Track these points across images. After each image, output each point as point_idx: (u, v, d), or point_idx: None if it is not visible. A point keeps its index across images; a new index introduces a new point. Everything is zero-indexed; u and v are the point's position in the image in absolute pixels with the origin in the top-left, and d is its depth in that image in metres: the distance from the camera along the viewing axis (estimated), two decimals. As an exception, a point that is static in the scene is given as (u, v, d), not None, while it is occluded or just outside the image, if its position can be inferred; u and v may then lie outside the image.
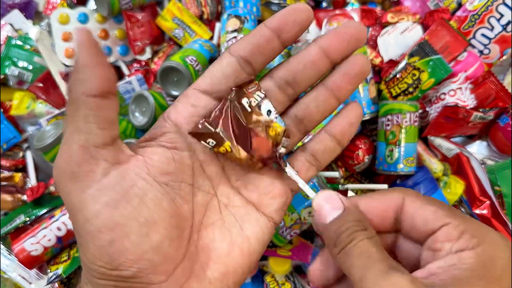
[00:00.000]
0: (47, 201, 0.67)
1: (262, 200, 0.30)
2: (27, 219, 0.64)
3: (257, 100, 0.29)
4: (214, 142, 0.28)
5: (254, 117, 0.29)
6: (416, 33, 0.66)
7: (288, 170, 0.29)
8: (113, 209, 0.24)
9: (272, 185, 0.30)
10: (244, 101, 0.28)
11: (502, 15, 0.63)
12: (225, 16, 0.64)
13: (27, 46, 0.69)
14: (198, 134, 0.28)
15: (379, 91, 0.67)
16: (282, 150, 0.29)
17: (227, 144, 0.28)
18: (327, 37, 0.28)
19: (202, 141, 0.28)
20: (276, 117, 0.29)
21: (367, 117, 0.64)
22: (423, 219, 0.25)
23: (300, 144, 0.32)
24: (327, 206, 0.27)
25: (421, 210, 0.26)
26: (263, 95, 0.29)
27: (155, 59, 0.71)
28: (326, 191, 0.28)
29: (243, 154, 0.28)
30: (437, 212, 0.25)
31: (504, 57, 0.64)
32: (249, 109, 0.28)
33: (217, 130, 0.28)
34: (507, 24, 0.62)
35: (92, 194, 0.24)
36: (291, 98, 0.30)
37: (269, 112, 0.29)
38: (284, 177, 0.30)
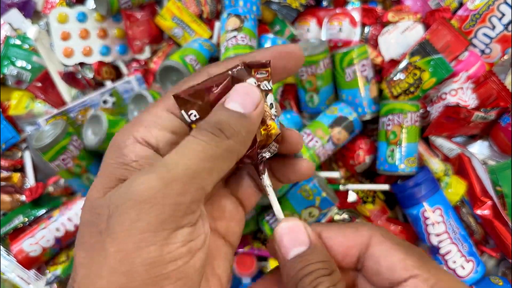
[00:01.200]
0: (45, 201, 0.67)
1: (228, 228, 0.27)
2: (26, 219, 0.64)
3: (265, 86, 0.25)
4: (197, 117, 0.24)
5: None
6: (417, 33, 0.66)
7: (265, 179, 0.26)
8: None
9: (237, 209, 0.28)
10: (251, 81, 0.24)
11: (503, 14, 0.62)
12: (224, 15, 0.63)
13: (26, 46, 0.69)
14: (184, 101, 0.23)
15: (380, 91, 0.66)
16: (266, 154, 0.26)
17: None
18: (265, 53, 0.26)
19: (183, 111, 0.23)
20: (275, 116, 0.25)
21: (368, 117, 0.64)
22: (389, 266, 0.23)
23: None
24: (290, 238, 0.24)
25: (387, 255, 0.24)
26: (270, 87, 0.25)
27: (154, 59, 0.70)
28: (291, 219, 0.25)
29: None
30: (405, 260, 0.23)
31: (505, 57, 0.64)
32: None
33: (206, 102, 0.23)
34: (509, 23, 0.62)
35: None
36: None
37: (271, 105, 0.25)
38: (244, 196, 0.28)
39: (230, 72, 0.23)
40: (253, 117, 0.23)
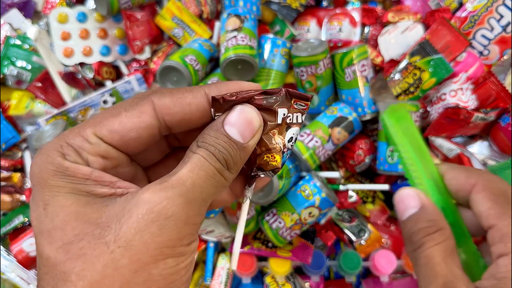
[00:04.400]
0: (46, 201, 0.66)
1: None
2: (26, 219, 0.64)
3: (292, 120, 0.26)
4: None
5: (274, 131, 0.26)
6: (417, 33, 0.66)
7: (248, 190, 0.28)
8: None
9: None
10: (281, 112, 0.25)
11: (501, 16, 0.62)
12: (224, 15, 0.63)
13: (26, 46, 0.69)
14: (221, 102, 0.25)
15: (380, 91, 0.66)
16: (261, 174, 0.27)
17: None
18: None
19: (215, 111, 0.25)
20: (287, 150, 0.27)
21: (368, 117, 0.64)
22: (478, 213, 0.25)
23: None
24: (404, 202, 0.27)
25: (479, 204, 0.26)
26: (301, 121, 0.26)
27: (155, 59, 0.70)
28: (408, 188, 0.28)
29: None
30: (490, 209, 0.25)
31: (504, 57, 0.64)
32: (280, 122, 0.26)
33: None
34: (507, 25, 0.62)
35: None
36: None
37: (290, 139, 0.26)
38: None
39: (275, 97, 0.25)
40: (249, 147, 0.25)
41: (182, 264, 0.22)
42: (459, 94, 0.62)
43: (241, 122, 0.24)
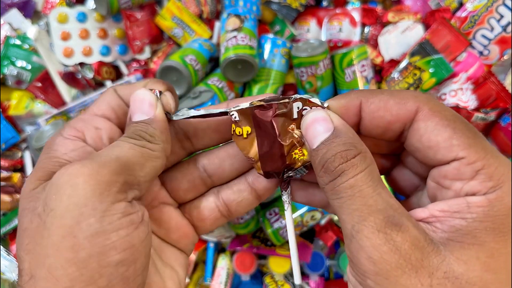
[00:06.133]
0: (46, 201, 0.67)
1: (179, 240, 0.29)
2: (26, 219, 0.64)
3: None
4: (237, 119, 0.25)
5: (292, 126, 0.25)
6: (417, 33, 0.66)
7: (285, 196, 0.27)
8: None
9: (188, 226, 0.30)
10: (296, 105, 0.24)
11: (502, 16, 0.62)
12: (224, 15, 0.63)
13: (26, 46, 0.69)
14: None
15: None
16: (291, 174, 0.26)
17: (247, 129, 0.26)
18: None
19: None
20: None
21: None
22: (433, 145, 0.21)
23: None
24: (314, 127, 0.23)
25: (432, 133, 0.21)
26: None
27: (154, 59, 0.70)
28: (315, 110, 0.24)
29: (253, 152, 0.26)
30: (451, 139, 0.20)
31: (504, 57, 0.64)
32: (296, 116, 0.25)
33: (249, 107, 0.25)
34: (507, 25, 0.62)
35: None
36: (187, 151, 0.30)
37: None
38: (197, 218, 0.30)
39: (289, 98, 0.25)
40: (158, 117, 0.25)
41: (108, 226, 0.20)
42: (459, 94, 0.62)
43: (138, 105, 0.25)
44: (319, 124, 0.23)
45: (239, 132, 0.26)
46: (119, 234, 0.21)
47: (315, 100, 0.25)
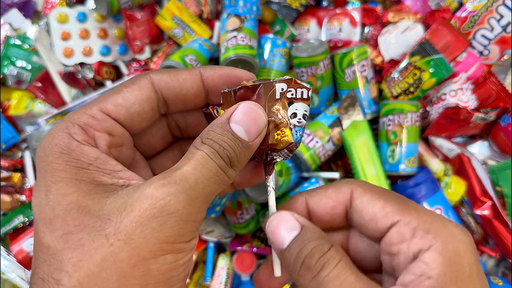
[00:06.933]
0: (46, 201, 0.67)
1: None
2: (26, 219, 0.64)
3: (296, 95, 0.25)
4: (221, 102, 0.26)
5: (277, 107, 0.25)
6: (417, 33, 0.66)
7: (269, 180, 0.27)
8: None
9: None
10: (280, 86, 0.25)
11: (502, 16, 0.62)
12: (224, 15, 0.63)
13: (26, 46, 0.69)
14: (232, 94, 0.26)
15: (380, 91, 0.66)
16: (277, 158, 0.26)
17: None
18: None
19: (222, 103, 0.26)
20: (294, 127, 0.26)
21: (368, 117, 0.64)
22: (371, 217, 0.23)
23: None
24: (281, 229, 0.24)
25: (368, 207, 0.24)
26: (307, 97, 0.26)
27: (155, 59, 0.70)
28: (277, 212, 0.25)
29: None
30: (385, 208, 0.23)
31: (504, 57, 0.64)
32: (278, 97, 0.25)
33: (231, 91, 0.25)
34: (507, 25, 0.62)
35: None
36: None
37: (293, 115, 0.26)
38: None
39: (272, 80, 0.25)
40: (254, 146, 0.24)
41: (181, 260, 0.22)
42: (459, 94, 0.62)
43: (247, 120, 0.24)
44: (286, 224, 0.24)
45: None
46: (186, 268, 0.23)
47: (300, 82, 0.25)
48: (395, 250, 0.22)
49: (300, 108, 0.25)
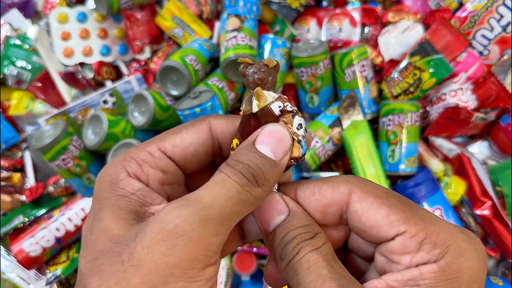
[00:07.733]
0: (45, 201, 0.67)
1: None
2: (26, 219, 0.64)
3: (291, 108, 0.25)
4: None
5: (283, 120, 0.25)
6: (417, 33, 0.66)
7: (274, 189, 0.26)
8: None
9: None
10: (276, 105, 0.24)
11: (502, 16, 0.62)
12: (224, 15, 0.63)
13: (26, 46, 0.69)
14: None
15: (380, 91, 0.66)
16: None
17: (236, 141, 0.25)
18: None
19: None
20: (303, 138, 0.25)
21: (368, 117, 0.64)
22: (373, 224, 0.22)
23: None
24: (268, 210, 0.24)
25: (369, 213, 0.22)
26: (301, 116, 0.25)
27: (155, 59, 0.70)
28: (271, 195, 0.24)
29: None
30: (389, 216, 0.21)
31: (504, 57, 0.64)
32: (278, 113, 0.24)
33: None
34: (507, 25, 0.62)
35: None
36: None
37: (299, 126, 0.25)
38: None
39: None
40: (282, 165, 0.23)
41: None
42: (459, 94, 0.62)
43: (272, 140, 0.23)
44: (274, 207, 0.24)
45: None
46: None
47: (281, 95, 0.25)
48: (396, 259, 0.22)
49: (301, 120, 0.25)
